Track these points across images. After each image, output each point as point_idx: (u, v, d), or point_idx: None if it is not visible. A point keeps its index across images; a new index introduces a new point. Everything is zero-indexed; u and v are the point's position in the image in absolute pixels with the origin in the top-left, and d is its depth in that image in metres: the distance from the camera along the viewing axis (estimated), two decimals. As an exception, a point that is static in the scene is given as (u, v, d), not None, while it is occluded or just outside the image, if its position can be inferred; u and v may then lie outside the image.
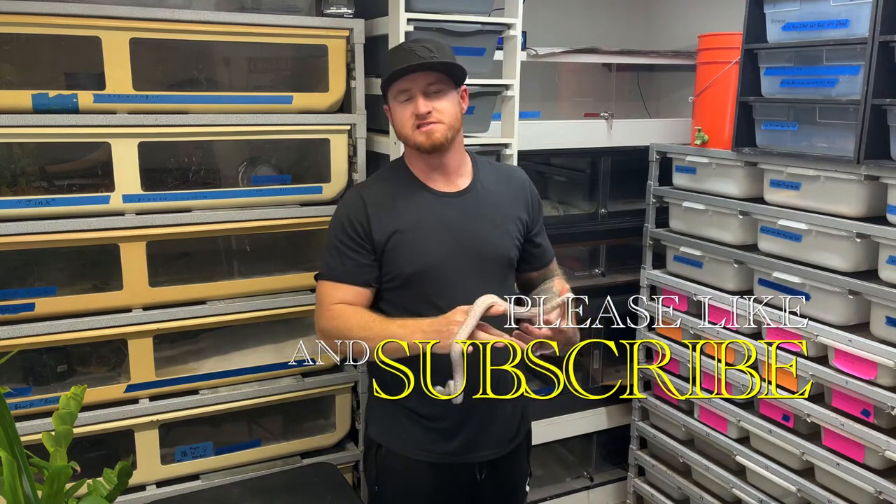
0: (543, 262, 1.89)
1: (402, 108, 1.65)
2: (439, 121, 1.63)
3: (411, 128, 1.64)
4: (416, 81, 1.61)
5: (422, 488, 1.77)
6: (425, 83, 1.62)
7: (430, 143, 1.63)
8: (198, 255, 2.29)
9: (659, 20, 3.32)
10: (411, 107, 1.63)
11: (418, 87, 1.62)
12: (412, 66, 1.59)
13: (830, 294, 2.06)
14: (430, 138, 1.63)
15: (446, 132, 1.64)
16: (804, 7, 2.12)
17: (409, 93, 1.63)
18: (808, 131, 2.14)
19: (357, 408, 2.35)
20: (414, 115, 1.62)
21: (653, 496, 2.84)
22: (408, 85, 1.62)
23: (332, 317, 1.65)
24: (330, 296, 1.68)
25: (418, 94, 1.62)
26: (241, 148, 2.28)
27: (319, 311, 1.69)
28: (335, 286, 1.68)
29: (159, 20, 1.92)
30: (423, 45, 1.63)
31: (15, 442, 1.03)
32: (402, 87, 1.63)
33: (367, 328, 1.59)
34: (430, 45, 1.63)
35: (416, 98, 1.62)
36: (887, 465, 1.96)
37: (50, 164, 2.05)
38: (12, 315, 1.91)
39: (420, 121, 1.62)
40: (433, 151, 1.65)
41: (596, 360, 3.02)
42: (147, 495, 2.07)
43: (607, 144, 2.74)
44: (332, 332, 1.63)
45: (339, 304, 1.66)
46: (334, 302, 1.67)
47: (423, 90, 1.62)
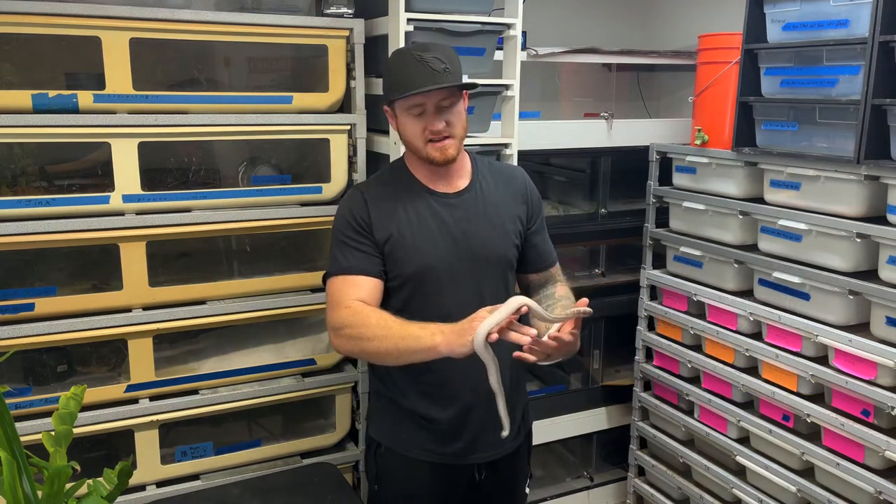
0: (544, 265, 1.86)
1: (414, 121, 1.63)
2: (451, 136, 1.63)
3: (423, 141, 1.64)
4: (431, 97, 1.60)
5: (421, 488, 1.77)
6: (439, 98, 1.61)
7: (444, 159, 1.64)
8: (198, 255, 2.29)
9: (659, 20, 3.32)
10: (423, 121, 1.62)
11: (432, 101, 1.60)
12: (434, 88, 1.56)
13: (830, 294, 2.06)
14: (444, 154, 1.64)
15: (458, 145, 1.66)
16: (804, 7, 2.12)
17: (423, 107, 1.61)
18: (808, 131, 2.14)
19: (357, 408, 2.35)
20: (428, 131, 1.62)
21: (653, 496, 2.84)
22: (422, 100, 1.60)
23: (348, 314, 1.60)
24: (344, 293, 1.64)
25: (432, 109, 1.61)
26: (241, 148, 2.28)
27: (335, 309, 1.63)
28: (349, 281, 1.65)
29: (159, 20, 1.92)
30: (434, 55, 1.60)
31: (15, 442, 1.03)
32: (415, 101, 1.61)
33: (385, 327, 1.54)
34: (440, 56, 1.60)
35: (429, 113, 1.61)
36: (887, 465, 1.96)
37: (50, 164, 2.05)
38: (12, 315, 1.91)
39: (433, 136, 1.62)
40: (444, 165, 1.67)
41: (596, 360, 3.02)
42: (147, 495, 2.07)
43: (607, 144, 2.74)
44: (348, 330, 1.58)
45: (356, 302, 1.62)
46: (350, 298, 1.62)
47: (436, 104, 1.61)
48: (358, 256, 1.66)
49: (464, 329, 1.44)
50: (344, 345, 1.62)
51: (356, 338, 1.57)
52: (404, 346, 1.50)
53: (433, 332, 1.48)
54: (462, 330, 1.44)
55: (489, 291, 1.71)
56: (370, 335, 1.54)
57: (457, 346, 1.44)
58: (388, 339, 1.52)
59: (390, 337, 1.52)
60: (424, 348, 1.48)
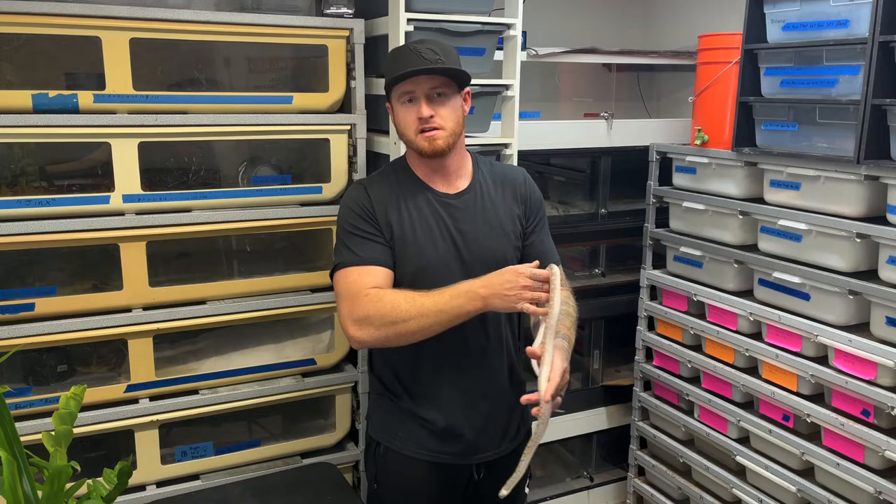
0: (541, 266, 1.84)
1: (406, 110, 1.65)
2: (441, 127, 1.63)
3: (414, 132, 1.64)
4: (421, 85, 1.61)
5: (420, 487, 1.77)
6: (429, 87, 1.61)
7: (433, 149, 1.64)
8: (198, 255, 2.29)
9: (659, 20, 3.32)
10: (414, 110, 1.63)
11: (422, 90, 1.62)
12: (418, 70, 1.58)
13: (830, 294, 2.06)
14: (433, 144, 1.64)
15: (448, 138, 1.65)
16: (804, 7, 2.12)
17: (413, 94, 1.63)
18: (808, 131, 2.14)
19: (357, 408, 2.35)
20: (417, 119, 1.63)
21: (653, 496, 2.84)
22: (412, 87, 1.62)
23: (370, 303, 1.56)
24: (360, 282, 1.61)
25: (422, 97, 1.62)
26: (241, 148, 2.28)
27: (352, 301, 1.59)
28: (363, 271, 1.62)
29: (159, 20, 1.92)
30: (429, 46, 1.62)
31: (15, 442, 1.03)
32: (405, 88, 1.63)
33: (416, 304, 1.53)
34: (435, 48, 1.62)
35: (419, 101, 1.62)
36: (887, 465, 1.96)
37: (50, 164, 2.05)
38: (12, 315, 1.91)
39: (423, 125, 1.62)
40: (434, 157, 1.67)
41: (596, 360, 3.02)
42: (147, 495, 2.07)
43: (607, 144, 2.74)
44: (377, 319, 1.55)
45: (372, 290, 1.59)
46: (369, 286, 1.60)
47: (426, 93, 1.62)
48: (370, 246, 1.65)
49: (507, 296, 1.51)
50: (371, 334, 1.57)
51: (388, 324, 1.55)
52: (445, 318, 1.54)
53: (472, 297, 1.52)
54: (506, 296, 1.51)
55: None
56: (405, 316, 1.53)
57: (500, 305, 1.52)
58: (425, 315, 1.53)
59: (427, 313, 1.53)
60: (466, 313, 1.54)
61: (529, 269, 1.53)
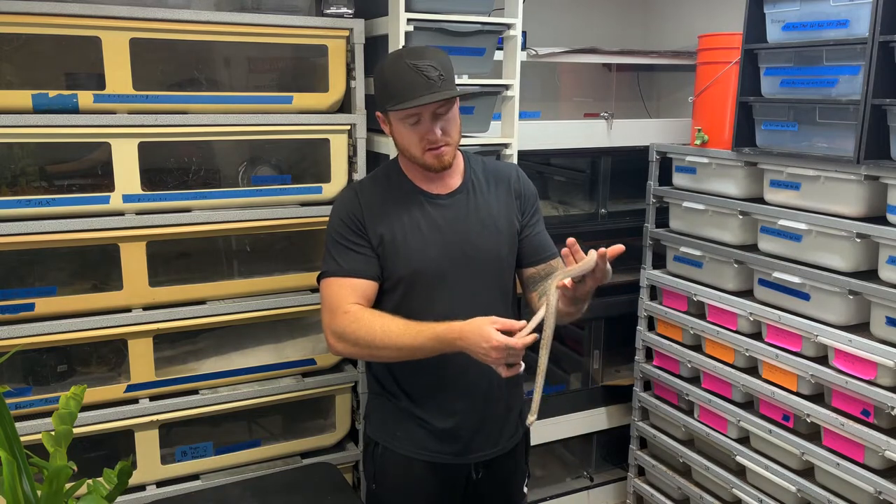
0: (538, 258, 1.81)
1: (410, 130, 1.63)
2: (448, 143, 1.64)
3: (421, 150, 1.63)
4: (427, 107, 1.59)
5: (419, 486, 1.77)
6: (435, 107, 1.60)
7: (441, 166, 1.65)
8: (198, 255, 2.29)
9: (659, 20, 3.32)
10: (420, 130, 1.61)
11: (428, 111, 1.59)
12: (430, 101, 1.55)
13: (830, 294, 2.06)
14: (441, 161, 1.64)
15: (453, 150, 1.67)
16: (804, 7, 2.12)
17: (419, 116, 1.60)
18: (808, 131, 2.14)
19: (357, 408, 2.36)
20: (425, 139, 1.62)
21: (653, 496, 2.84)
22: (418, 110, 1.59)
23: (349, 322, 1.61)
24: (341, 296, 1.64)
25: (428, 118, 1.60)
26: (241, 148, 2.27)
27: (334, 314, 1.64)
28: (345, 284, 1.65)
29: (159, 20, 1.92)
30: (429, 63, 1.58)
31: (15, 442, 1.03)
32: (411, 111, 1.60)
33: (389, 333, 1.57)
34: (434, 63, 1.58)
35: (425, 122, 1.60)
36: (887, 465, 1.96)
37: (50, 164, 2.05)
38: (12, 315, 1.91)
39: (431, 145, 1.62)
40: (442, 171, 1.68)
41: (596, 360, 3.02)
42: (147, 495, 2.07)
43: (607, 144, 2.74)
44: (352, 337, 1.60)
45: (354, 307, 1.63)
46: (349, 302, 1.63)
47: (432, 113, 1.60)
48: (353, 258, 1.67)
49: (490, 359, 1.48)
50: (348, 350, 1.65)
51: (362, 345, 1.60)
52: (420, 355, 1.57)
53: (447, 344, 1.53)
54: (486, 356, 1.48)
55: (483, 291, 1.71)
56: (378, 343, 1.57)
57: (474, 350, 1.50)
58: (399, 349, 1.57)
59: (398, 345, 1.56)
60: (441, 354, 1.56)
61: (504, 342, 1.44)
